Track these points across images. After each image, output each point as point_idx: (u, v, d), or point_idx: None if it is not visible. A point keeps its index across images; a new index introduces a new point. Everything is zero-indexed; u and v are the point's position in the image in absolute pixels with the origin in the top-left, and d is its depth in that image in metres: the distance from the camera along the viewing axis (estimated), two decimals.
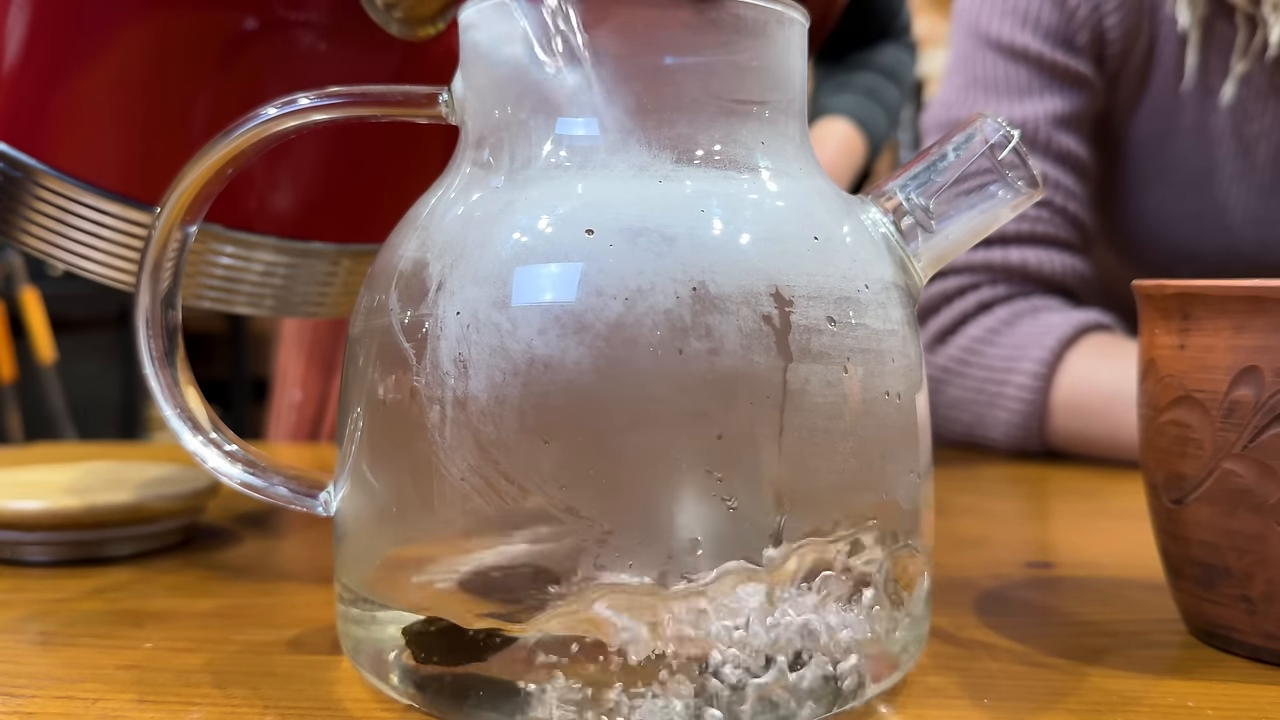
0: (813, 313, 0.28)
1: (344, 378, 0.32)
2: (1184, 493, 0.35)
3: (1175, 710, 0.31)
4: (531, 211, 0.29)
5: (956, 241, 0.32)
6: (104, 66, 0.42)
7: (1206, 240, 0.88)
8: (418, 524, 0.30)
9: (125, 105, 0.43)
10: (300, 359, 0.97)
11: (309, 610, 0.40)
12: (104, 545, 0.47)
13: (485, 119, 0.32)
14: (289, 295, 0.45)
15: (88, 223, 0.42)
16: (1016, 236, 0.82)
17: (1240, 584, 0.34)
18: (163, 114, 0.43)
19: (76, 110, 0.42)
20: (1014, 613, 0.40)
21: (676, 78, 0.30)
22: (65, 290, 2.61)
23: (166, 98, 0.43)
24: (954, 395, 0.81)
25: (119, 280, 0.43)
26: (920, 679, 0.33)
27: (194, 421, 0.34)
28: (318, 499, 0.34)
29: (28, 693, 0.32)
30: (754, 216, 0.30)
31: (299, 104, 0.33)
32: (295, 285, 0.45)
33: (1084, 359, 0.76)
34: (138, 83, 0.43)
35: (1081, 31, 0.84)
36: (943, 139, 0.32)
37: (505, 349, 0.28)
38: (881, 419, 0.29)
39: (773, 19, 0.31)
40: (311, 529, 0.54)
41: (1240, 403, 0.34)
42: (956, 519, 0.56)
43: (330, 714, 0.30)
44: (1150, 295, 0.37)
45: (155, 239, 0.33)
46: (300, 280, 0.45)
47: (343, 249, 0.46)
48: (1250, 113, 0.83)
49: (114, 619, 0.39)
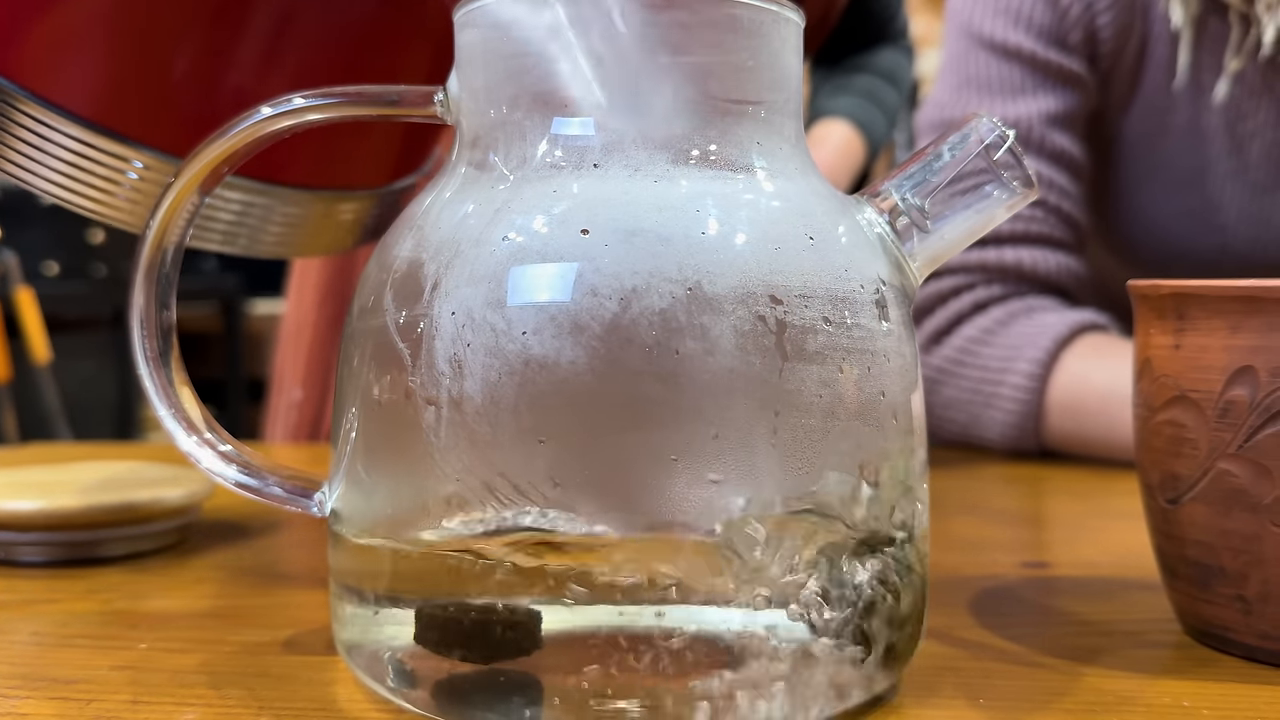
0: (808, 313, 0.28)
1: (339, 378, 0.32)
2: (1179, 493, 0.35)
3: (1170, 710, 0.31)
4: (527, 211, 0.29)
5: (952, 242, 0.32)
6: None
7: (1199, 239, 0.88)
8: (413, 524, 0.30)
9: (108, 33, 0.42)
10: (300, 357, 0.97)
11: (304, 611, 0.40)
12: (99, 546, 0.47)
13: (481, 119, 0.32)
14: (259, 235, 0.45)
15: (64, 150, 0.41)
16: (1011, 236, 0.83)
17: (1235, 584, 0.34)
18: (146, 45, 0.42)
19: (58, 35, 0.42)
20: (1010, 612, 0.40)
21: (672, 77, 0.30)
22: (60, 290, 2.61)
23: (152, 27, 0.42)
24: (949, 395, 0.81)
25: (92, 211, 0.43)
26: (916, 679, 0.33)
27: (189, 422, 0.34)
28: (312, 499, 0.34)
29: (22, 693, 0.32)
30: (749, 217, 0.30)
31: (294, 104, 0.33)
32: (267, 225, 0.45)
33: (1079, 359, 0.76)
34: (123, 10, 0.42)
35: (1074, 31, 0.84)
36: (938, 139, 0.32)
37: (500, 349, 0.27)
38: (877, 419, 0.29)
39: (768, 19, 0.31)
40: (307, 530, 0.54)
41: (1235, 403, 0.34)
42: (952, 519, 0.56)
43: (325, 715, 0.30)
44: (1145, 295, 0.37)
45: (150, 238, 0.33)
46: (272, 220, 0.45)
47: (316, 193, 0.46)
48: (1243, 111, 0.83)
49: (109, 619, 0.39)
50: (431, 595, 0.29)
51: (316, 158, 0.37)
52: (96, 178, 0.42)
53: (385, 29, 0.45)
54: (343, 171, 0.47)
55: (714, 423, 0.27)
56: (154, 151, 0.42)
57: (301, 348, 0.97)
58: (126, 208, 0.42)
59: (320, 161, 0.44)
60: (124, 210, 0.42)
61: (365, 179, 0.47)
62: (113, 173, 0.42)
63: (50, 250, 2.67)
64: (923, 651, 0.35)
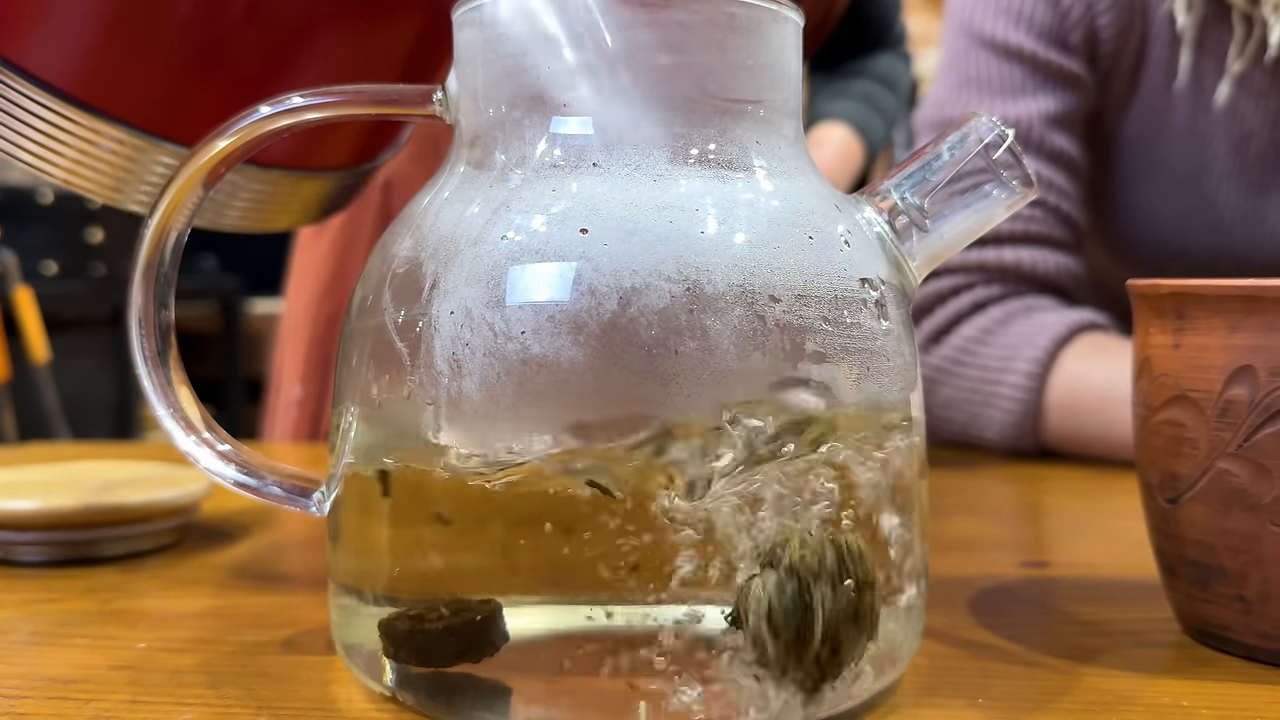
0: (807, 312, 0.28)
1: (337, 377, 0.32)
2: (1179, 492, 0.35)
3: (1170, 710, 0.31)
4: (526, 211, 0.29)
5: (951, 241, 0.32)
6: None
7: (1196, 238, 0.88)
8: (411, 524, 0.30)
9: (83, 3, 0.42)
10: (299, 354, 0.97)
11: (303, 610, 0.40)
12: (97, 545, 0.47)
13: (479, 118, 0.31)
14: (224, 210, 0.45)
15: (41, 121, 0.41)
16: (1010, 236, 0.83)
17: (1235, 583, 0.34)
18: (124, 17, 0.42)
19: (38, 5, 0.41)
20: (1009, 612, 0.40)
21: (671, 76, 0.30)
22: (59, 290, 2.61)
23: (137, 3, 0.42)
24: (948, 395, 0.81)
25: (72, 183, 0.42)
26: (915, 678, 0.33)
27: (187, 421, 0.34)
28: (311, 499, 0.33)
29: (20, 693, 0.32)
30: (748, 216, 0.30)
31: (292, 103, 0.33)
32: (233, 201, 0.45)
33: (1078, 358, 0.76)
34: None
35: (1074, 31, 0.84)
36: (937, 138, 0.32)
37: (499, 349, 0.27)
38: (875, 419, 0.29)
39: (767, 18, 0.31)
40: (305, 529, 0.54)
41: (1235, 402, 0.34)
42: (951, 518, 0.56)
43: (324, 714, 0.30)
44: (1145, 294, 0.37)
45: (148, 239, 0.33)
46: (238, 197, 0.45)
47: (287, 172, 0.46)
48: (1242, 112, 0.83)
49: (107, 619, 0.39)
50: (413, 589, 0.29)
51: (291, 139, 0.36)
52: (72, 149, 0.42)
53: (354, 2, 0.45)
54: (316, 153, 0.46)
55: (713, 423, 0.27)
56: (128, 127, 0.41)
57: (301, 345, 0.97)
58: (101, 180, 0.42)
59: (294, 143, 0.44)
60: (95, 182, 0.42)
61: (337, 159, 0.47)
62: (87, 145, 0.41)
63: (49, 250, 2.66)
64: (921, 651, 0.35)
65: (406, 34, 0.46)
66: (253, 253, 2.77)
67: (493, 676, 0.28)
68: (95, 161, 0.42)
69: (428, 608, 0.29)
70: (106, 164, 0.42)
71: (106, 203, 0.43)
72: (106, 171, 0.42)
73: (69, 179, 0.42)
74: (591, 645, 0.27)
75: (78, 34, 0.42)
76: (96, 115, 0.41)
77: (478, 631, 0.28)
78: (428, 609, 0.29)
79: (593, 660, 0.27)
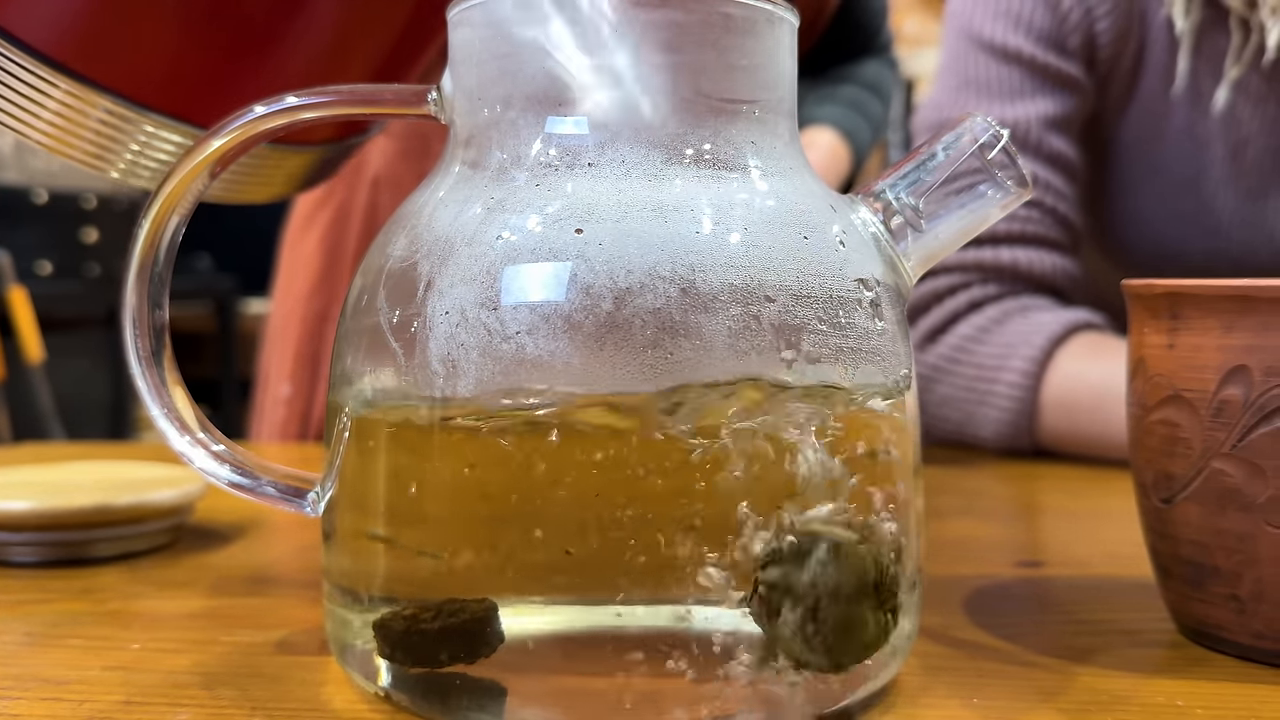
0: (802, 312, 0.28)
1: (332, 376, 0.32)
2: (1173, 492, 0.35)
3: (1164, 709, 0.31)
4: (520, 210, 0.29)
5: (946, 241, 0.32)
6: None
7: (1193, 243, 0.88)
8: (406, 524, 0.30)
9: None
10: (287, 352, 0.97)
11: (297, 611, 0.40)
12: (91, 546, 0.47)
13: (474, 118, 0.31)
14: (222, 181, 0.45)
15: (25, 85, 0.41)
16: (1007, 236, 0.83)
17: (1229, 583, 0.34)
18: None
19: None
20: (1004, 612, 0.40)
21: (667, 76, 0.30)
22: (53, 290, 2.60)
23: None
24: (944, 394, 0.81)
25: (54, 149, 0.42)
26: (909, 678, 0.33)
27: (181, 421, 0.34)
28: (305, 499, 0.33)
29: (14, 694, 0.32)
30: (743, 216, 0.30)
31: (287, 102, 0.32)
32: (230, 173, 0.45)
33: (1073, 358, 0.77)
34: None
35: (1073, 35, 0.84)
36: (932, 138, 0.32)
37: (494, 349, 0.27)
38: (871, 418, 0.29)
39: (762, 18, 0.31)
40: (300, 529, 0.54)
41: (1229, 402, 0.34)
42: (946, 518, 0.56)
43: (318, 715, 0.30)
44: (1139, 294, 0.37)
45: (142, 238, 0.33)
46: (237, 170, 0.45)
47: (271, 147, 0.45)
48: (1240, 117, 0.84)
49: (101, 620, 0.39)
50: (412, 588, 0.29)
51: None
52: (54, 113, 0.41)
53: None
54: (300, 129, 0.46)
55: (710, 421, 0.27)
56: (117, 97, 0.41)
57: (289, 343, 0.97)
58: (84, 147, 0.42)
59: None
60: (82, 150, 0.42)
61: (320, 135, 0.47)
62: (70, 111, 0.41)
63: (43, 249, 2.66)
64: (916, 650, 0.35)
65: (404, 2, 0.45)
66: (248, 252, 2.76)
67: (488, 677, 0.28)
68: (78, 128, 0.42)
69: (423, 608, 0.29)
70: (90, 131, 0.42)
71: (89, 170, 0.43)
72: (90, 139, 0.42)
73: (51, 144, 0.42)
74: (589, 645, 0.27)
75: None
76: (81, 81, 0.41)
77: (473, 632, 0.28)
78: (423, 609, 0.29)
79: (589, 660, 0.27)
